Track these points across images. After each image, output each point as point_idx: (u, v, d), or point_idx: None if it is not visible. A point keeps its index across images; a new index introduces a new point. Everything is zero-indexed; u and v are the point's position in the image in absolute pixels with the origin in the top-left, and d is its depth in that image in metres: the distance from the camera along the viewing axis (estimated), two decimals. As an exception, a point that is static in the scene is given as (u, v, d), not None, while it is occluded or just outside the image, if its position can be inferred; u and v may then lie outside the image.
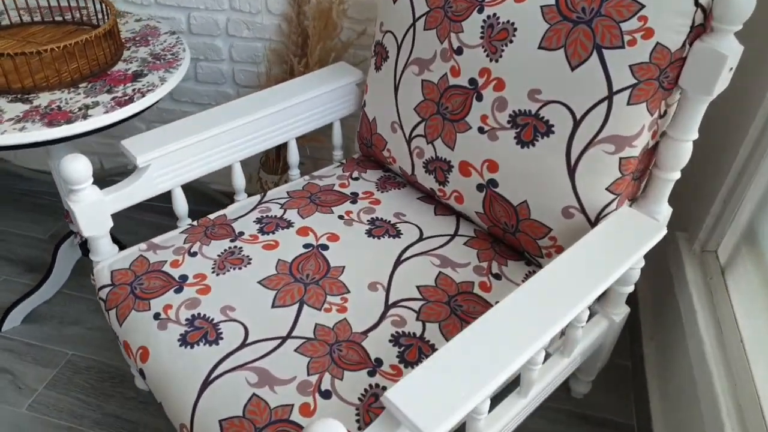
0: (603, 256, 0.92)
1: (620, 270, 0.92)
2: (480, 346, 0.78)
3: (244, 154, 1.28)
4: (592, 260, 0.91)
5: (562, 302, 0.85)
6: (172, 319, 1.00)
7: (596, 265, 0.90)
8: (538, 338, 0.80)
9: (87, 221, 1.08)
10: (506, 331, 0.80)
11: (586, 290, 0.87)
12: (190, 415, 0.89)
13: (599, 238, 0.96)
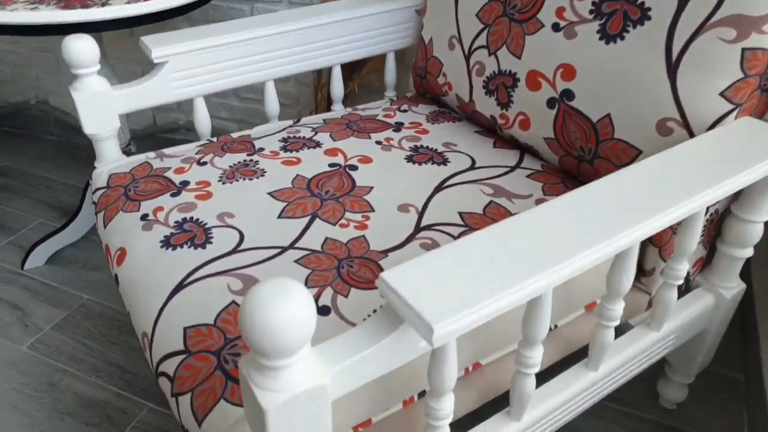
0: (711, 162, 0.67)
1: (737, 179, 0.67)
2: (526, 236, 0.56)
3: (278, 72, 1.12)
4: (694, 163, 0.67)
5: (646, 204, 0.61)
6: (160, 221, 0.83)
7: (700, 170, 0.66)
8: (606, 238, 0.56)
9: (89, 115, 0.95)
10: (564, 225, 0.57)
11: (682, 193, 0.63)
12: (153, 321, 0.71)
13: (706, 142, 0.71)
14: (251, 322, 0.42)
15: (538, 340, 0.66)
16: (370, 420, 0.70)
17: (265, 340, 0.42)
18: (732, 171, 0.68)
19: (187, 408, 0.62)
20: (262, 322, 0.42)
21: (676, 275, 0.81)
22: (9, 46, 1.99)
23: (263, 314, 0.42)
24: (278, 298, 0.42)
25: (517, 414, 0.75)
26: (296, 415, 0.46)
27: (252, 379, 0.45)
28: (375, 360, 0.50)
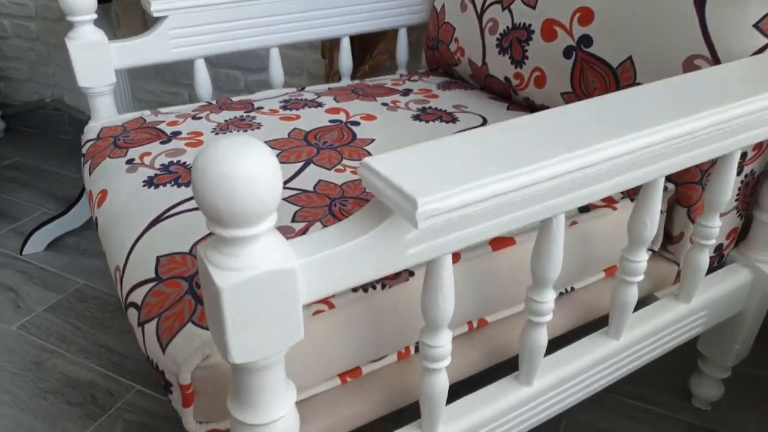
0: (743, 82, 0.60)
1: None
2: (533, 130, 0.49)
3: (283, 38, 1.08)
4: (725, 83, 0.59)
5: (673, 110, 0.53)
6: (146, 164, 0.78)
7: (732, 87, 0.58)
8: (626, 134, 0.49)
9: (84, 66, 0.91)
10: (578, 123, 0.50)
11: (713, 103, 0.56)
12: (127, 253, 0.64)
13: (738, 66, 0.64)
14: (204, 182, 0.36)
15: (550, 280, 0.59)
16: (359, 369, 0.62)
17: (220, 199, 0.36)
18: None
19: (152, 335, 0.55)
20: (216, 179, 0.35)
21: (707, 234, 0.73)
22: (28, 43, 2.00)
23: (218, 170, 0.35)
24: (236, 154, 0.36)
25: (526, 377, 0.66)
26: (256, 300, 0.39)
27: (209, 259, 0.39)
28: (352, 258, 0.43)
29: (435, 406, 0.58)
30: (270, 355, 0.42)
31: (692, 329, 0.82)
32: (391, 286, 0.59)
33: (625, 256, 0.67)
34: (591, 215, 0.72)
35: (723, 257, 0.88)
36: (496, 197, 0.42)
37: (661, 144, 0.50)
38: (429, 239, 0.47)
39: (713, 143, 0.60)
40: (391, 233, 0.44)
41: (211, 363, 0.52)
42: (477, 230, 0.49)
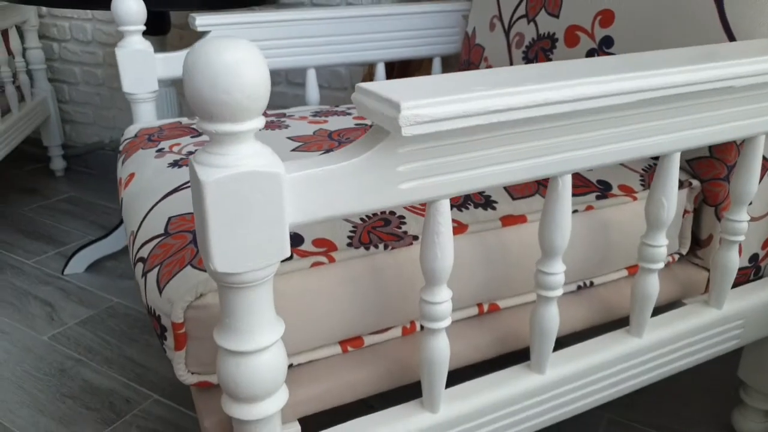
0: (754, 49, 0.58)
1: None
2: (527, 71, 0.49)
3: (320, 59, 1.13)
4: (735, 47, 0.58)
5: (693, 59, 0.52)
6: (174, 152, 0.81)
7: (740, 51, 0.57)
8: (637, 70, 0.49)
9: (129, 73, 0.97)
10: (574, 66, 0.50)
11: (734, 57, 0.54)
12: (142, 218, 0.66)
13: (756, 44, 0.63)
14: (191, 74, 0.37)
15: (558, 249, 0.57)
16: (361, 338, 0.61)
17: (206, 88, 0.37)
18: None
19: (152, 282, 0.56)
20: (202, 68, 0.37)
21: (734, 229, 0.70)
22: (95, 89, 2.16)
23: (205, 59, 0.37)
24: (223, 45, 0.37)
25: (538, 363, 0.63)
26: (240, 202, 0.39)
27: (196, 159, 0.40)
28: (342, 180, 0.43)
29: (435, 375, 0.56)
30: (254, 269, 0.42)
31: (727, 341, 0.77)
32: (393, 248, 0.59)
33: (643, 242, 0.65)
34: (609, 202, 0.70)
35: (760, 270, 0.83)
36: (484, 115, 0.42)
37: (661, 89, 0.49)
38: (423, 176, 0.47)
39: (729, 115, 0.59)
40: (383, 160, 0.44)
41: (204, 303, 0.52)
42: (473, 175, 0.49)
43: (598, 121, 0.52)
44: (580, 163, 0.54)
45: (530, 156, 0.51)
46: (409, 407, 0.59)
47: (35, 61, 2.04)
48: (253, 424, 0.48)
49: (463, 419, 0.59)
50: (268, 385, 0.46)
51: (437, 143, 0.46)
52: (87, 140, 2.29)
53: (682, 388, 1.07)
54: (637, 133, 0.55)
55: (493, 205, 0.66)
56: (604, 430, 0.98)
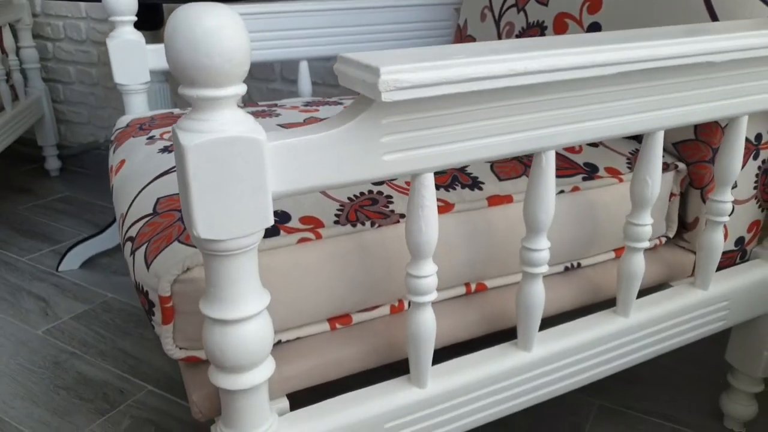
0: (739, 26, 0.59)
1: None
2: (511, 42, 0.50)
3: (311, 51, 1.13)
4: (716, 26, 0.59)
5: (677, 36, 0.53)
6: (165, 139, 0.82)
7: (720, 28, 0.58)
8: (623, 42, 0.49)
9: (121, 64, 0.98)
10: (558, 40, 0.51)
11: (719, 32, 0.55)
12: (131, 201, 0.67)
13: (738, 23, 0.63)
14: (172, 40, 0.38)
15: (542, 224, 0.58)
16: (349, 316, 0.61)
17: (186, 53, 0.37)
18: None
19: (140, 259, 0.56)
20: (183, 33, 0.37)
21: (718, 210, 0.71)
22: (89, 88, 2.16)
23: (185, 24, 0.37)
24: (203, 10, 0.38)
25: (524, 340, 0.64)
26: (222, 167, 0.40)
27: (179, 126, 0.40)
28: (325, 150, 0.44)
29: (421, 349, 0.56)
30: (238, 236, 0.42)
31: (713, 322, 0.78)
32: (380, 225, 0.59)
33: (629, 221, 0.66)
34: (595, 184, 0.71)
35: (746, 253, 0.84)
36: (464, 82, 0.43)
37: (639, 62, 0.50)
38: (406, 148, 0.47)
39: (712, 94, 0.60)
40: (366, 131, 0.45)
41: (191, 276, 0.52)
42: (457, 148, 0.50)
43: (580, 97, 0.53)
44: (563, 139, 0.54)
45: (513, 130, 0.52)
46: (397, 383, 0.59)
47: (29, 60, 2.04)
48: (240, 394, 0.48)
49: (451, 395, 0.60)
50: (254, 355, 0.47)
51: (419, 114, 0.46)
52: (82, 140, 2.29)
53: (673, 376, 1.08)
54: (620, 110, 0.56)
55: (480, 185, 0.67)
56: (595, 416, 0.99)
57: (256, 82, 1.78)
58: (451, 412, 0.61)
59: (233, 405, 0.49)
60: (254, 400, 0.49)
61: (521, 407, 0.66)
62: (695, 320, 0.76)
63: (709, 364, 1.10)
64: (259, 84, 1.77)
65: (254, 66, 1.75)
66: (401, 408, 0.57)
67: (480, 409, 0.63)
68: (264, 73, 1.75)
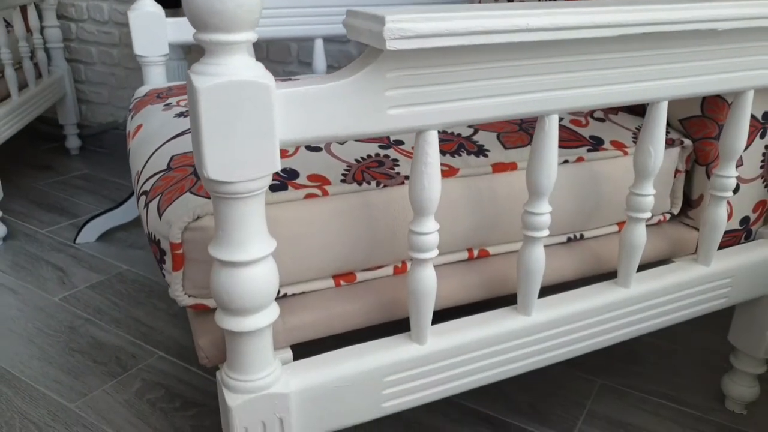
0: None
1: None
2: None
3: (327, 30, 1.15)
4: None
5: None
6: (181, 105, 0.84)
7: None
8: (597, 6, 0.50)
9: (141, 35, 1.00)
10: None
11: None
12: (147, 158, 0.69)
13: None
14: (192, -14, 0.40)
15: (544, 188, 0.59)
16: (353, 274, 0.63)
17: None
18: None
19: (153, 210, 0.58)
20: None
21: (722, 185, 0.72)
22: (110, 69, 2.20)
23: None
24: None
25: (524, 304, 0.65)
26: (232, 110, 0.42)
27: (193, 71, 0.42)
28: (332, 100, 0.46)
29: (422, 305, 0.58)
30: (246, 179, 0.44)
31: (714, 298, 0.78)
32: (386, 186, 0.61)
33: (631, 191, 0.67)
34: (599, 155, 0.72)
35: (751, 233, 0.84)
36: (467, 35, 0.44)
37: (639, 26, 0.51)
38: (410, 103, 0.49)
39: (717, 66, 0.61)
40: (371, 83, 0.47)
41: (202, 225, 0.54)
42: (460, 106, 0.51)
43: (584, 62, 0.54)
44: (567, 103, 0.56)
45: (517, 92, 0.53)
46: (398, 339, 0.61)
47: (53, 39, 2.08)
48: (244, 336, 0.50)
49: (450, 353, 0.61)
50: (259, 299, 0.49)
51: (423, 70, 0.48)
52: (102, 120, 2.33)
53: (676, 359, 1.08)
54: (623, 77, 0.57)
55: (486, 153, 0.68)
56: (597, 394, 1.00)
57: (272, 65, 1.80)
58: (449, 371, 0.62)
59: (238, 348, 0.51)
60: (258, 344, 0.51)
61: (519, 371, 0.67)
62: (696, 296, 0.76)
63: (708, 346, 1.11)
64: (275, 66, 1.79)
65: (271, 47, 1.77)
66: (401, 362, 0.59)
67: (477, 370, 0.64)
68: (280, 55, 1.77)
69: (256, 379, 0.52)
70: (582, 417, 0.95)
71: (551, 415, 0.95)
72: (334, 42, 1.65)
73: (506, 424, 0.94)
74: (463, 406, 0.97)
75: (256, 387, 0.52)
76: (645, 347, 1.11)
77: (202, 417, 0.95)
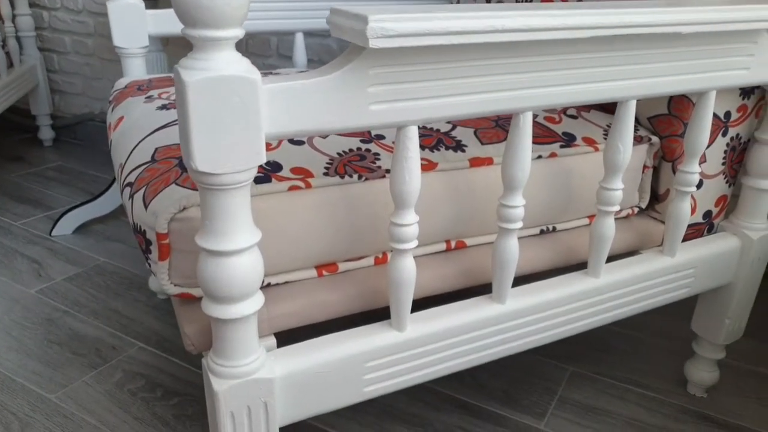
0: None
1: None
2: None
3: (308, 24, 1.16)
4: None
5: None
6: (163, 98, 0.85)
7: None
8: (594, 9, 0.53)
9: (120, 27, 1.01)
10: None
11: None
12: (130, 150, 0.70)
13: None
14: (183, -15, 0.41)
15: (519, 182, 0.61)
16: (335, 264, 0.65)
17: None
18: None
19: (139, 201, 0.59)
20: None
21: (686, 180, 0.75)
22: (84, 59, 2.17)
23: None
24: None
25: (498, 293, 0.68)
26: (219, 103, 0.43)
27: (181, 65, 0.44)
28: (316, 96, 0.48)
29: (401, 294, 0.60)
30: (233, 171, 0.46)
31: (679, 288, 0.82)
32: (368, 179, 0.63)
33: (601, 186, 0.70)
34: (572, 151, 0.75)
35: (713, 226, 0.88)
36: (446, 35, 0.46)
37: (615, 28, 0.53)
38: (391, 99, 0.51)
39: (683, 67, 0.64)
40: (354, 79, 0.49)
41: (187, 215, 0.56)
42: (439, 103, 0.53)
43: (557, 61, 0.57)
44: (540, 101, 0.58)
45: (493, 89, 0.55)
46: (378, 326, 0.63)
47: (25, 27, 2.05)
48: (230, 324, 0.52)
49: (428, 339, 0.64)
50: (245, 287, 0.50)
51: (404, 68, 0.50)
52: (76, 111, 2.31)
53: (642, 347, 1.13)
54: (594, 77, 0.60)
55: (463, 148, 0.71)
56: (568, 381, 1.03)
57: (252, 57, 1.80)
58: (428, 357, 0.65)
59: (224, 335, 0.53)
60: (243, 331, 0.53)
61: (493, 357, 0.70)
62: (662, 285, 0.80)
63: (673, 335, 1.15)
64: (255, 59, 1.79)
65: (251, 41, 1.77)
66: (381, 348, 0.61)
67: (454, 356, 0.67)
68: (260, 48, 1.77)
69: (241, 365, 0.53)
70: (554, 402, 0.99)
71: (524, 401, 0.99)
72: (314, 36, 1.66)
73: (481, 409, 0.97)
74: (440, 392, 1.00)
75: (241, 372, 0.54)
76: (613, 336, 1.16)
77: (184, 406, 0.97)
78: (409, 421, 0.94)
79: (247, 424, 0.55)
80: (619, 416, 0.96)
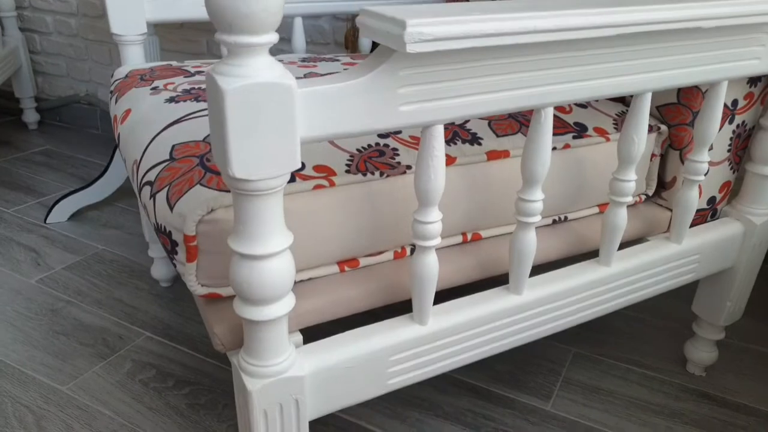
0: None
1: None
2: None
3: (307, 8, 1.15)
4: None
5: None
6: (169, 89, 0.84)
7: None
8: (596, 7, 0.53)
9: (118, 14, 0.98)
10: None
11: None
12: (144, 147, 0.69)
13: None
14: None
15: (538, 177, 0.62)
16: (357, 260, 0.65)
17: (228, 1, 0.40)
18: None
19: (162, 201, 0.59)
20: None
21: (695, 169, 0.76)
22: (68, 39, 2.12)
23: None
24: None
25: (516, 284, 0.69)
26: (256, 110, 0.43)
27: (215, 71, 0.43)
28: (348, 98, 0.47)
29: (424, 289, 0.61)
30: (268, 177, 0.46)
31: (684, 273, 0.84)
32: (389, 176, 0.63)
33: (614, 177, 0.71)
34: (584, 142, 0.75)
35: (716, 212, 0.90)
36: (482, 37, 0.46)
37: (639, 25, 0.54)
38: (421, 99, 0.51)
39: (697, 59, 0.64)
40: (385, 81, 0.49)
41: (215, 217, 0.56)
42: (466, 102, 0.54)
43: (579, 57, 0.57)
44: (562, 97, 0.59)
45: (518, 87, 0.56)
46: (401, 320, 0.64)
47: (5, 8, 2.00)
48: (263, 324, 0.52)
49: (449, 332, 0.65)
50: (278, 289, 0.51)
51: (434, 68, 0.50)
52: (61, 93, 2.26)
53: (643, 328, 1.15)
54: (614, 71, 0.61)
55: (479, 141, 0.71)
56: (571, 362, 1.06)
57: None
58: (449, 348, 0.66)
59: (256, 336, 0.53)
60: (275, 331, 0.54)
61: (510, 346, 0.71)
62: (669, 271, 0.82)
63: (673, 317, 1.18)
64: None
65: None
66: (405, 342, 0.62)
67: (474, 347, 0.68)
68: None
69: (273, 364, 0.54)
70: (558, 383, 1.01)
71: (530, 383, 1.01)
72: (307, 18, 1.64)
73: (489, 392, 0.99)
74: (449, 376, 1.02)
75: (274, 372, 0.54)
76: (615, 317, 1.18)
77: (196, 395, 0.97)
78: (419, 405, 0.96)
79: (279, 421, 0.56)
80: (622, 396, 0.98)
